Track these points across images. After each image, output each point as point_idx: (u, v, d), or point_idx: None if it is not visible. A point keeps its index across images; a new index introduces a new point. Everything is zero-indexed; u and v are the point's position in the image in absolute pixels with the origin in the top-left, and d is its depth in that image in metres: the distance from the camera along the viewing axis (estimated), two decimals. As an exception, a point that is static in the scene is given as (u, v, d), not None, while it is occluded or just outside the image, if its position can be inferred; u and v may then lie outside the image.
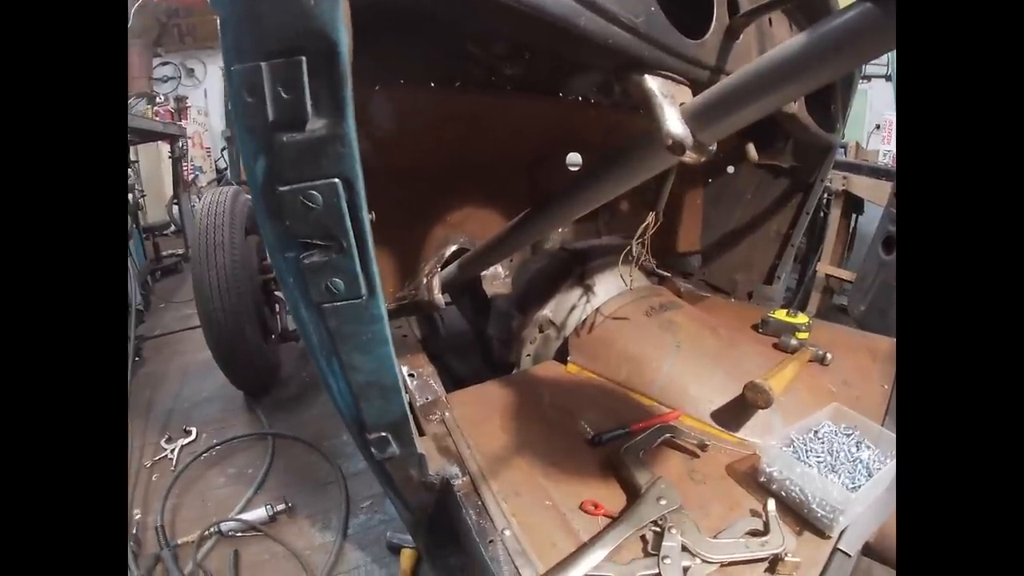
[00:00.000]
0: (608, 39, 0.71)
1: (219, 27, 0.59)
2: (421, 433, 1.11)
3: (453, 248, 1.45)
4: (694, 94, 0.85)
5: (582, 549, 0.83)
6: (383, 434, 0.87)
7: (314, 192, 0.61)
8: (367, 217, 0.63)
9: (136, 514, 1.95)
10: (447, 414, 1.17)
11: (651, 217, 1.26)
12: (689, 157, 0.77)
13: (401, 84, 1.19)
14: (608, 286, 1.57)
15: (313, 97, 0.57)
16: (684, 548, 0.83)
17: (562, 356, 1.50)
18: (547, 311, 1.57)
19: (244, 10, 0.55)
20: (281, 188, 0.61)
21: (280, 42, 0.55)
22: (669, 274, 1.84)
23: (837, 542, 0.90)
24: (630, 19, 0.73)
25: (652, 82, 0.79)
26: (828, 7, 1.35)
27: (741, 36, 1.03)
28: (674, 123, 0.76)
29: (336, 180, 0.60)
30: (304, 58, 0.55)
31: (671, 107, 0.77)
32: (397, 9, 0.73)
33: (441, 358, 1.75)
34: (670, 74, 0.83)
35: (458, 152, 1.41)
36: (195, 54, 8.13)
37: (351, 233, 0.63)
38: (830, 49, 0.67)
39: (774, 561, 0.84)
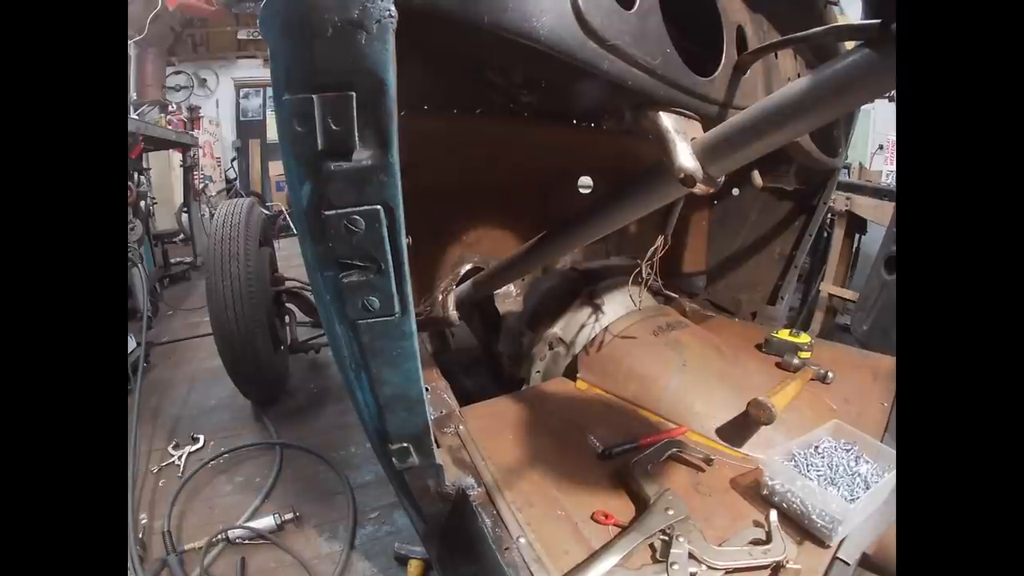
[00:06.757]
0: (628, 80, 0.77)
1: (269, 56, 0.64)
2: (436, 445, 1.15)
3: (468, 267, 1.49)
4: (704, 128, 0.90)
5: (594, 556, 0.87)
6: (404, 445, 0.91)
7: (357, 217, 0.65)
8: (405, 241, 0.68)
9: (142, 519, 1.95)
10: (461, 427, 1.21)
11: (660, 240, 1.31)
12: (699, 189, 0.82)
13: (425, 110, 1.25)
14: (616, 305, 1.61)
15: (360, 129, 0.62)
16: (691, 555, 0.87)
17: (571, 373, 1.53)
18: (557, 329, 1.61)
19: (296, 43, 0.60)
20: (326, 212, 0.66)
21: (331, 76, 0.60)
22: (675, 294, 1.88)
23: (836, 551, 0.94)
24: (648, 61, 0.78)
25: (666, 119, 0.84)
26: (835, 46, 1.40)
27: (748, 71, 1.08)
28: (686, 158, 0.80)
29: (379, 207, 0.65)
30: (354, 93, 0.60)
31: (683, 142, 0.82)
32: (433, 45, 0.78)
33: (450, 374, 1.78)
34: (682, 110, 0.89)
35: (476, 175, 1.47)
36: (208, 64, 8.24)
37: (389, 256, 0.68)
38: (833, 91, 0.72)
39: (776, 568, 0.88)
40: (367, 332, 0.75)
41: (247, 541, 1.85)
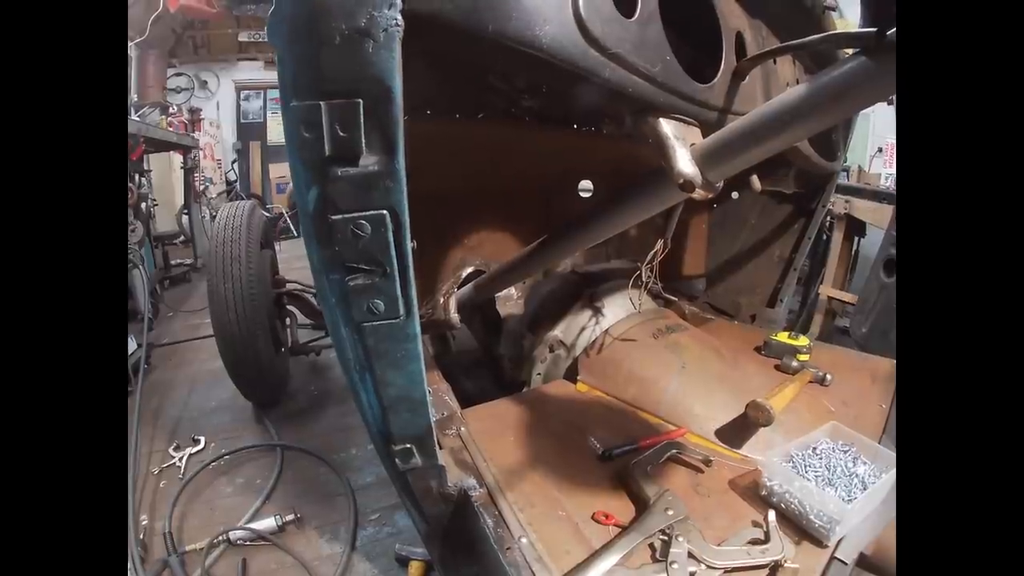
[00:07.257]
0: (628, 88, 0.78)
1: (276, 61, 0.64)
2: (439, 446, 1.15)
3: (469, 270, 1.50)
4: (703, 134, 0.92)
5: (595, 556, 0.88)
6: (408, 446, 0.92)
7: (363, 222, 0.66)
8: (410, 245, 0.69)
9: (143, 520, 1.96)
10: (463, 429, 1.22)
11: (660, 244, 1.32)
12: (698, 194, 0.83)
13: (427, 115, 1.26)
14: (617, 308, 1.62)
15: (367, 135, 0.63)
16: (691, 555, 0.88)
17: (572, 375, 1.54)
18: (558, 331, 1.62)
19: (304, 50, 0.61)
20: (333, 217, 0.67)
21: (339, 84, 0.61)
22: (675, 297, 1.89)
23: (834, 551, 0.95)
24: (648, 68, 0.79)
25: (666, 125, 0.85)
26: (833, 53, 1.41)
27: (747, 77, 1.09)
28: (685, 163, 0.82)
29: (384, 212, 0.66)
30: (361, 100, 0.61)
31: (682, 148, 0.83)
32: (438, 52, 0.80)
33: (451, 376, 1.79)
34: (682, 116, 0.90)
35: (478, 179, 1.48)
36: (209, 66, 8.22)
37: (395, 259, 0.69)
38: (831, 98, 0.73)
39: (775, 568, 0.89)
40: (372, 335, 0.76)
41: (248, 542, 1.85)
